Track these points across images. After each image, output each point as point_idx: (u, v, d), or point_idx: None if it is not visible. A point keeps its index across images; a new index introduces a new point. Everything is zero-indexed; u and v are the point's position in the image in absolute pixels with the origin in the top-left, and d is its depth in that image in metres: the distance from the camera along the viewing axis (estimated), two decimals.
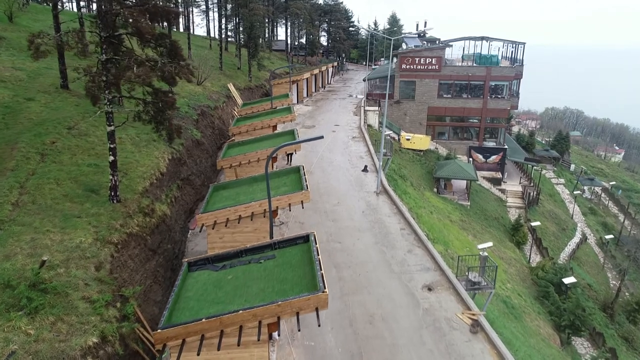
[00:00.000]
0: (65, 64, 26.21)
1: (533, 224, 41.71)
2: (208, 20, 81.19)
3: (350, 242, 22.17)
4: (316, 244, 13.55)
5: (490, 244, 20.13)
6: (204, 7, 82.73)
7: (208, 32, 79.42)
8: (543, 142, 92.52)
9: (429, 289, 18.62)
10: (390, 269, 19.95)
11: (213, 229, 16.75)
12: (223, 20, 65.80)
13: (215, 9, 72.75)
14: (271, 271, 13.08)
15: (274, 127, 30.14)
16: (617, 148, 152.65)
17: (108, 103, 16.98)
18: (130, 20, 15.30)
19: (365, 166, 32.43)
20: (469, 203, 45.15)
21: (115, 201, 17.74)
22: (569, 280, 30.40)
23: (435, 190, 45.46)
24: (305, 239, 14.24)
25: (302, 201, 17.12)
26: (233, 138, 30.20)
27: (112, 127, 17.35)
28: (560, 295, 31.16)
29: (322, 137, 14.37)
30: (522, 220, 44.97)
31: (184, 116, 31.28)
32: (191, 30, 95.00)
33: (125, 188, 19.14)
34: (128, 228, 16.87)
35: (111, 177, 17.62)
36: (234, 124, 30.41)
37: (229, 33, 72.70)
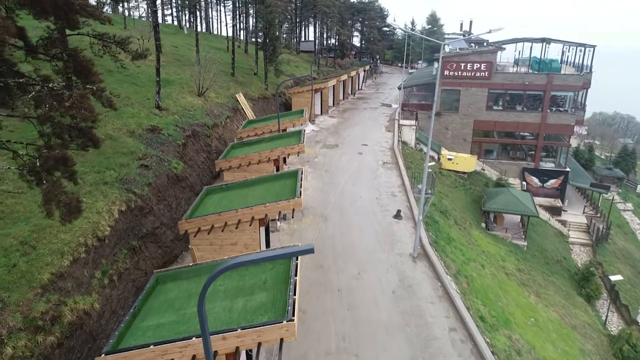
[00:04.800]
0: None
1: (612, 277, 32.75)
2: (237, 20, 74.00)
3: (372, 355, 14.52)
4: None
5: None
6: (230, 5, 75.93)
7: (237, 32, 72.55)
8: (602, 157, 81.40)
9: None
10: None
11: None
12: (242, 18, 59.01)
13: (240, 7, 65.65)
14: None
15: (278, 161, 22.24)
16: None
17: None
18: None
19: (399, 211, 24.44)
20: (525, 243, 36.67)
21: None
22: None
23: (483, 225, 37.20)
24: None
25: (281, 339, 9.58)
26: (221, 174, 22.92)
27: None
28: None
29: (312, 252, 6.91)
30: (593, 268, 36.01)
31: (165, 141, 24.39)
32: (218, 31, 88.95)
33: (17, 280, 12.20)
34: None
35: None
36: (224, 156, 22.79)
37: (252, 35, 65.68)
